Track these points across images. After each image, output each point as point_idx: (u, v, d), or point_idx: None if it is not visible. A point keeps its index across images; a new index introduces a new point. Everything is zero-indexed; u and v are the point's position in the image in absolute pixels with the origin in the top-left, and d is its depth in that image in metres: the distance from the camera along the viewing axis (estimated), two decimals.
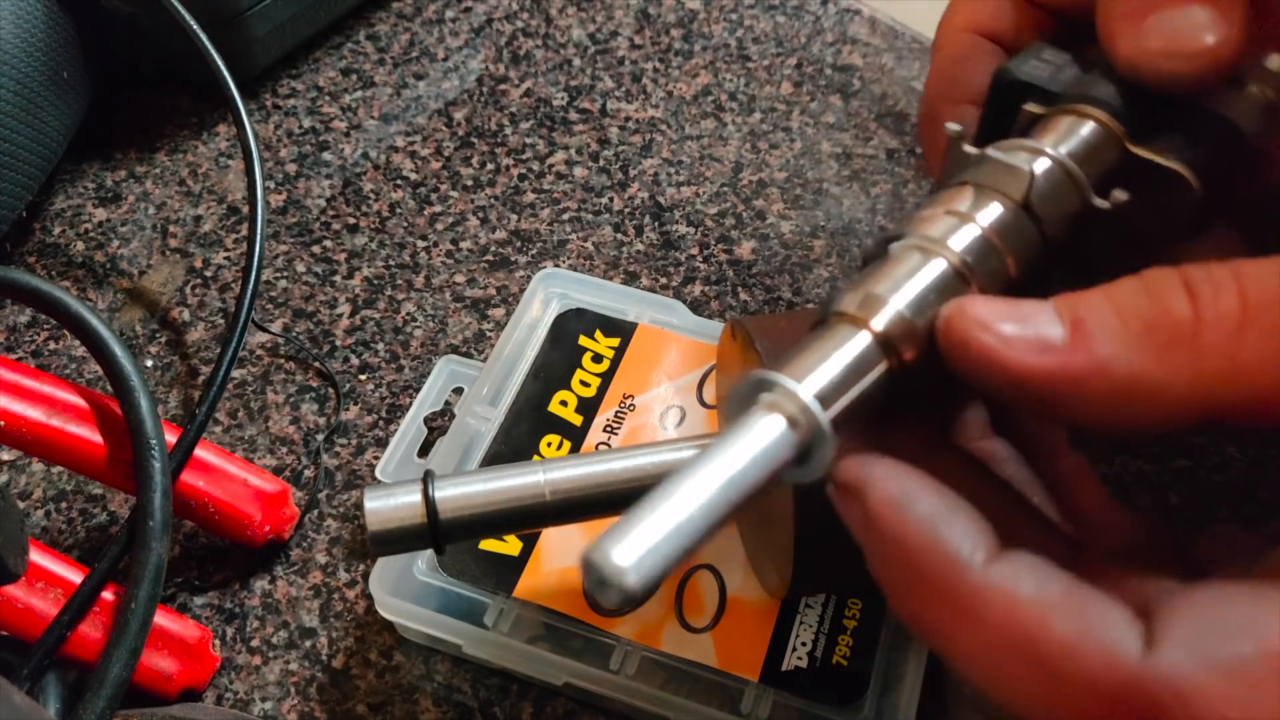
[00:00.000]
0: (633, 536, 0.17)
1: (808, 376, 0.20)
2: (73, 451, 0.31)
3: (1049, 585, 0.19)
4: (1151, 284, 0.20)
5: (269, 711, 0.32)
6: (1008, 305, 0.20)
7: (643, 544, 0.17)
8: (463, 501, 0.27)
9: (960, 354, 0.20)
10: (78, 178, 0.46)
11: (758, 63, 0.50)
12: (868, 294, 0.22)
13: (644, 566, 0.17)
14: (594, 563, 0.17)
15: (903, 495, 0.20)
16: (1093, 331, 0.19)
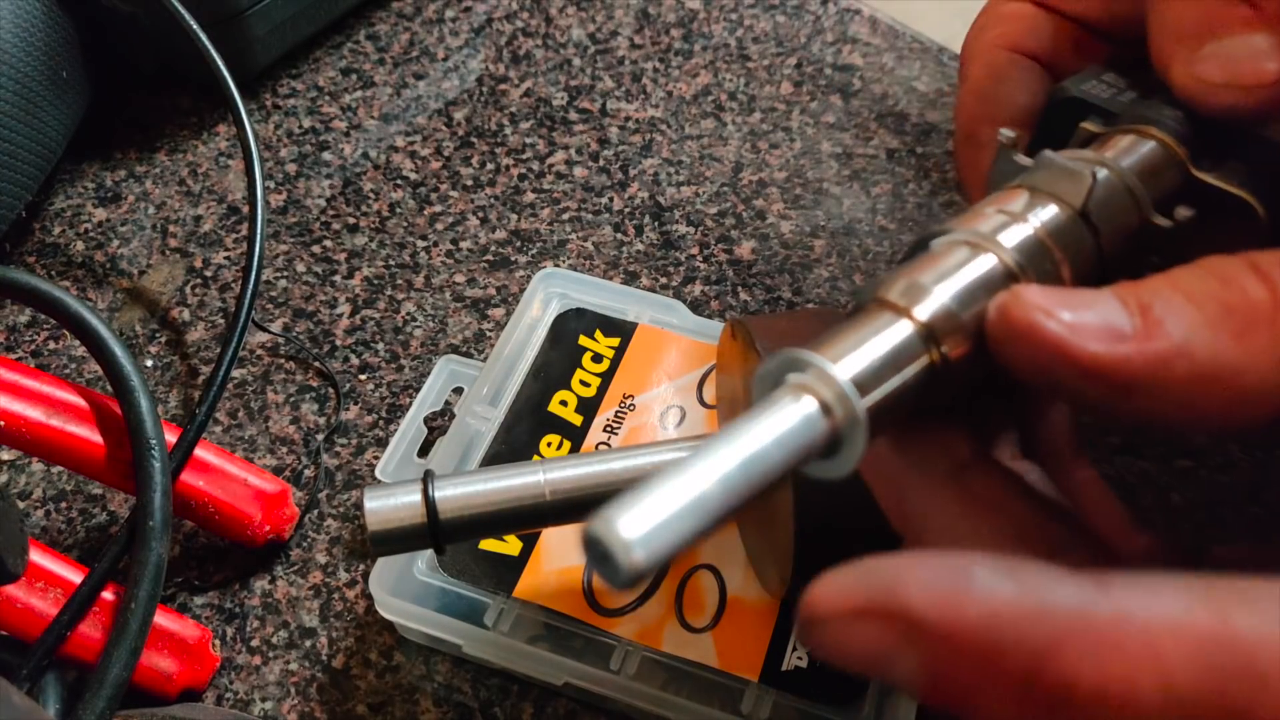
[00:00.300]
0: (642, 509, 0.16)
1: (844, 359, 0.18)
2: (73, 451, 0.31)
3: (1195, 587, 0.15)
4: (1217, 269, 0.19)
5: (269, 711, 0.32)
6: (1065, 293, 0.19)
7: (652, 518, 0.16)
8: (463, 501, 0.27)
9: (1019, 345, 0.18)
10: (77, 178, 0.46)
11: (758, 62, 0.50)
12: (911, 282, 0.20)
13: (652, 542, 0.16)
14: (598, 535, 0.16)
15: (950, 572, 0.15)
16: (1163, 317, 0.18)
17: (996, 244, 0.21)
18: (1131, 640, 0.15)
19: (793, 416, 0.17)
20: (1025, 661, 0.15)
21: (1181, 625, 0.15)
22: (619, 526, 0.15)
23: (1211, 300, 0.18)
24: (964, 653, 0.15)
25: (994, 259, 0.21)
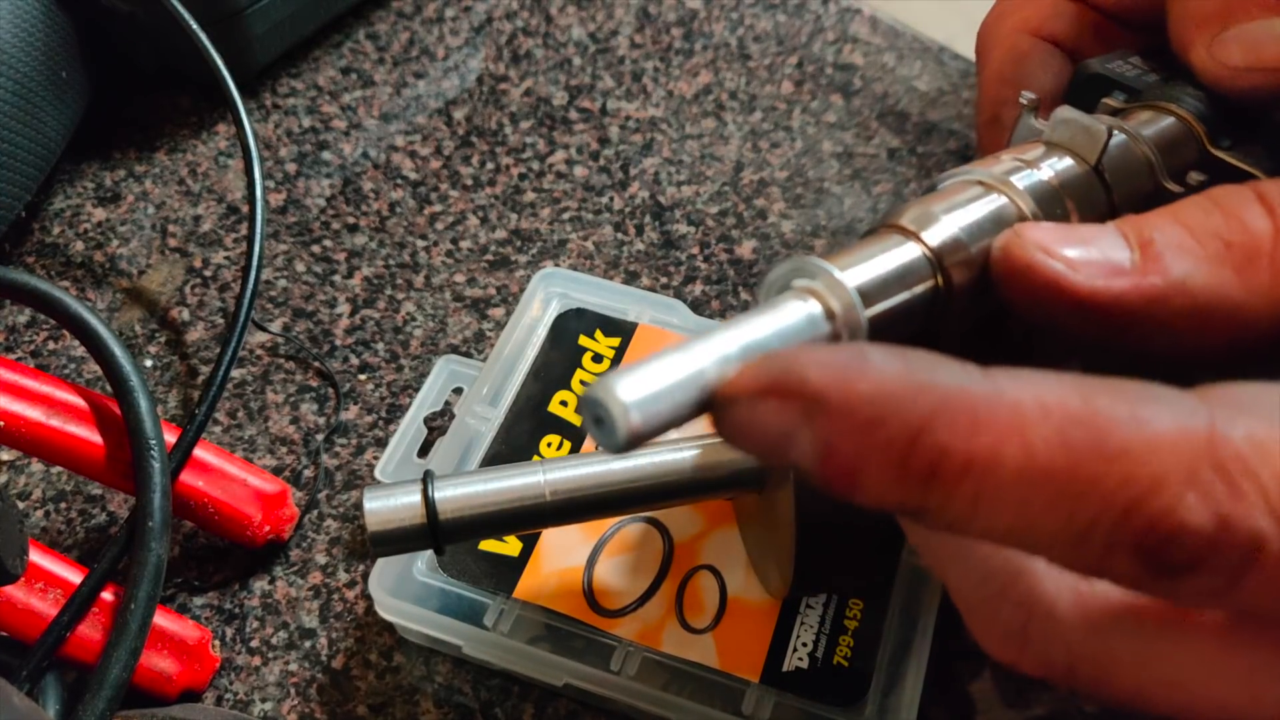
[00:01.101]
0: (642, 375, 0.16)
1: (851, 269, 0.19)
2: (72, 451, 0.31)
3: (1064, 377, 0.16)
4: (1221, 200, 0.19)
5: (269, 712, 0.32)
6: (1067, 229, 0.19)
7: (651, 385, 0.16)
8: (463, 502, 0.27)
9: (1020, 281, 0.19)
10: (77, 178, 0.46)
11: (758, 61, 0.50)
12: (924, 211, 0.21)
13: (648, 407, 0.16)
14: (597, 398, 0.16)
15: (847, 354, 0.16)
16: (1163, 251, 0.18)
17: (1009, 185, 0.21)
18: (1000, 415, 0.15)
19: (796, 314, 0.18)
20: (904, 431, 0.15)
21: (1049, 405, 0.15)
22: (618, 389, 0.16)
23: (1212, 234, 0.18)
24: (852, 423, 0.15)
25: (1005, 200, 0.21)
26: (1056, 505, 0.15)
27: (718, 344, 0.17)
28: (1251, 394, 0.16)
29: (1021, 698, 0.31)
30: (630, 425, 0.15)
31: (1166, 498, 0.15)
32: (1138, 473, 0.15)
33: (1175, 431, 0.15)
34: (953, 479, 0.15)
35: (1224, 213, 0.18)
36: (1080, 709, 0.31)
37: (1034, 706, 0.31)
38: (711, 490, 0.29)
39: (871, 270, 0.19)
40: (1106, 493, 0.15)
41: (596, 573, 0.32)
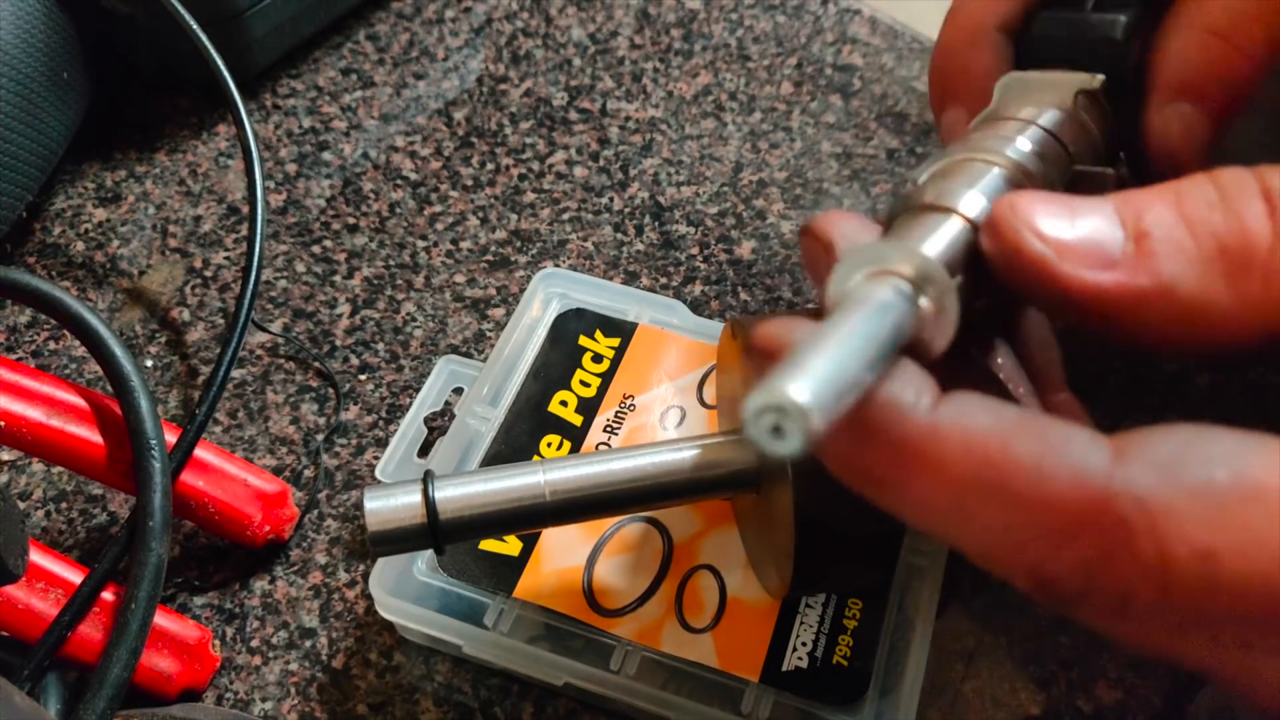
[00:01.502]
0: (806, 373, 0.16)
1: (924, 245, 0.19)
2: (73, 451, 0.31)
3: (1003, 414, 0.17)
4: (1226, 190, 0.18)
5: (269, 711, 0.32)
6: (1062, 204, 0.19)
7: (815, 378, 0.16)
8: (463, 501, 0.27)
9: (1009, 260, 0.19)
10: (78, 178, 0.46)
11: (758, 62, 0.50)
12: (944, 188, 0.21)
13: (824, 405, 0.16)
14: (768, 405, 0.15)
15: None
16: (1158, 247, 0.18)
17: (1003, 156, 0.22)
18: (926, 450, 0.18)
19: (889, 294, 0.18)
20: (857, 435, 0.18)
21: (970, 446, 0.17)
22: (791, 391, 0.15)
23: (1210, 235, 0.18)
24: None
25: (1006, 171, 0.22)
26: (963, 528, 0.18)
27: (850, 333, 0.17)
28: (1171, 450, 0.17)
29: (1018, 697, 0.31)
30: (813, 428, 0.16)
31: (1044, 550, 0.17)
32: (1027, 523, 0.17)
33: (1069, 489, 0.17)
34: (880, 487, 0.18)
35: (1225, 208, 0.18)
36: (1077, 707, 0.31)
37: (1030, 706, 0.31)
38: (711, 490, 0.29)
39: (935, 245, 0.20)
40: (1000, 532, 0.17)
41: (596, 572, 0.32)
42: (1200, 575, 0.16)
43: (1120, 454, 0.17)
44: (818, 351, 0.16)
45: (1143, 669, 0.32)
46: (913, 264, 0.19)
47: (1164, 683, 0.31)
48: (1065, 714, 0.31)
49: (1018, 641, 0.32)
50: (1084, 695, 0.31)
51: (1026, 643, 0.32)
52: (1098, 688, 0.31)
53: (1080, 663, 0.32)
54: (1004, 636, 0.32)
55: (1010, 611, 0.33)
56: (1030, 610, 0.33)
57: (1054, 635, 0.32)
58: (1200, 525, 0.16)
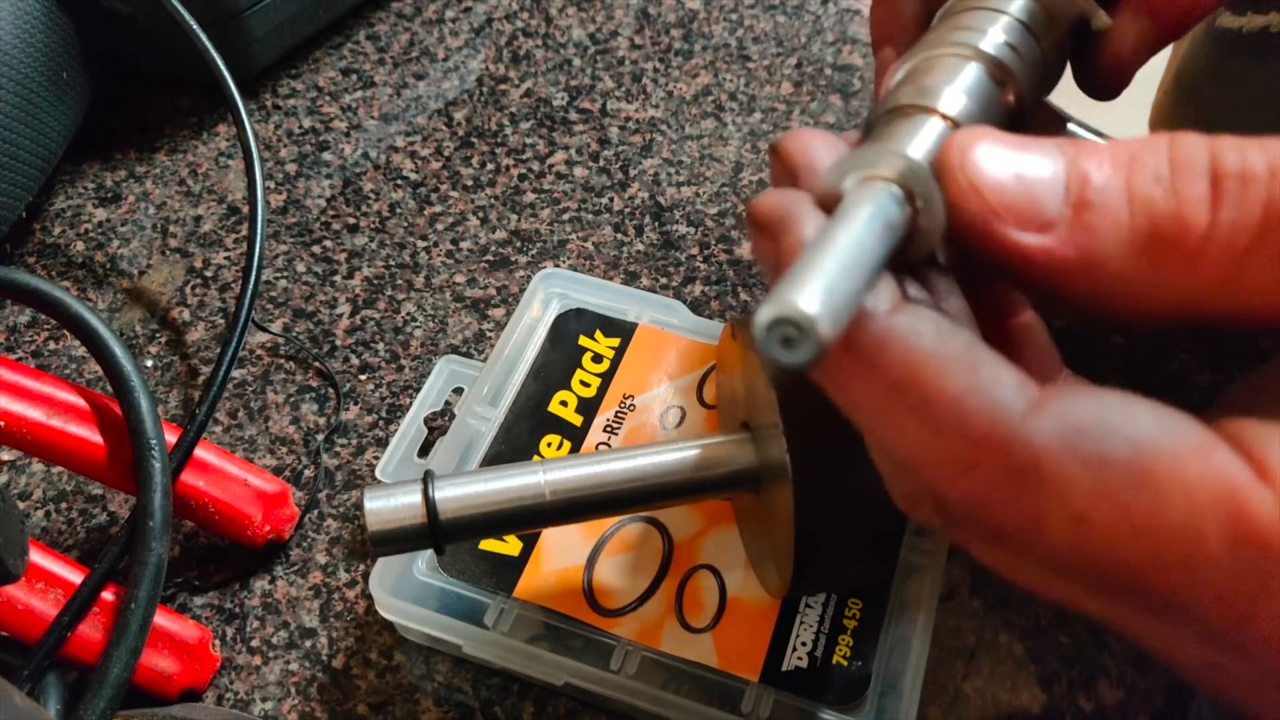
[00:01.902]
0: (813, 284, 0.16)
1: (909, 146, 0.20)
2: (73, 451, 0.31)
3: (949, 340, 0.18)
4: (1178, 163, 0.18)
5: (269, 711, 0.32)
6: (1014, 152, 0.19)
7: (823, 291, 0.16)
8: (463, 501, 0.27)
9: (953, 204, 0.19)
10: (78, 178, 0.46)
11: (758, 62, 0.50)
12: (919, 87, 0.21)
13: (833, 313, 0.16)
14: (778, 318, 0.16)
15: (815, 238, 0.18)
16: (1095, 220, 0.18)
17: (975, 49, 0.22)
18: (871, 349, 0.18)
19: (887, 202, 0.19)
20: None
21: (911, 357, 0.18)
22: (800, 303, 0.16)
23: (1147, 214, 0.18)
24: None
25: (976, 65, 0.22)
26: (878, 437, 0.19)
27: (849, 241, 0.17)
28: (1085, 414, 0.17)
29: (1019, 696, 0.31)
30: (820, 335, 0.16)
31: (944, 473, 0.18)
32: (937, 445, 0.18)
33: (980, 425, 0.17)
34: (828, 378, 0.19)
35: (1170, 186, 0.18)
36: (1078, 706, 0.31)
37: (1031, 705, 0.31)
38: (711, 490, 0.29)
39: (920, 145, 0.20)
40: (913, 447, 0.18)
41: (596, 572, 0.32)
42: (1069, 539, 0.17)
43: (1038, 406, 0.17)
44: (822, 262, 0.17)
45: (1144, 667, 0.32)
46: (897, 167, 0.19)
47: (1165, 681, 0.31)
48: (1066, 712, 0.31)
49: (1018, 640, 0.32)
50: (1085, 693, 0.31)
51: (1027, 641, 0.32)
52: (1099, 686, 0.31)
53: (1081, 661, 0.32)
54: (1004, 635, 0.32)
55: (1011, 610, 0.33)
56: (1031, 609, 0.33)
57: (1055, 633, 0.32)
58: (1081, 494, 0.17)
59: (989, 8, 0.24)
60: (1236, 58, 0.44)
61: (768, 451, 0.27)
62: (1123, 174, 0.18)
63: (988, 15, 0.24)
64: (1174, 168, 0.18)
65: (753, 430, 0.29)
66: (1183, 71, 0.48)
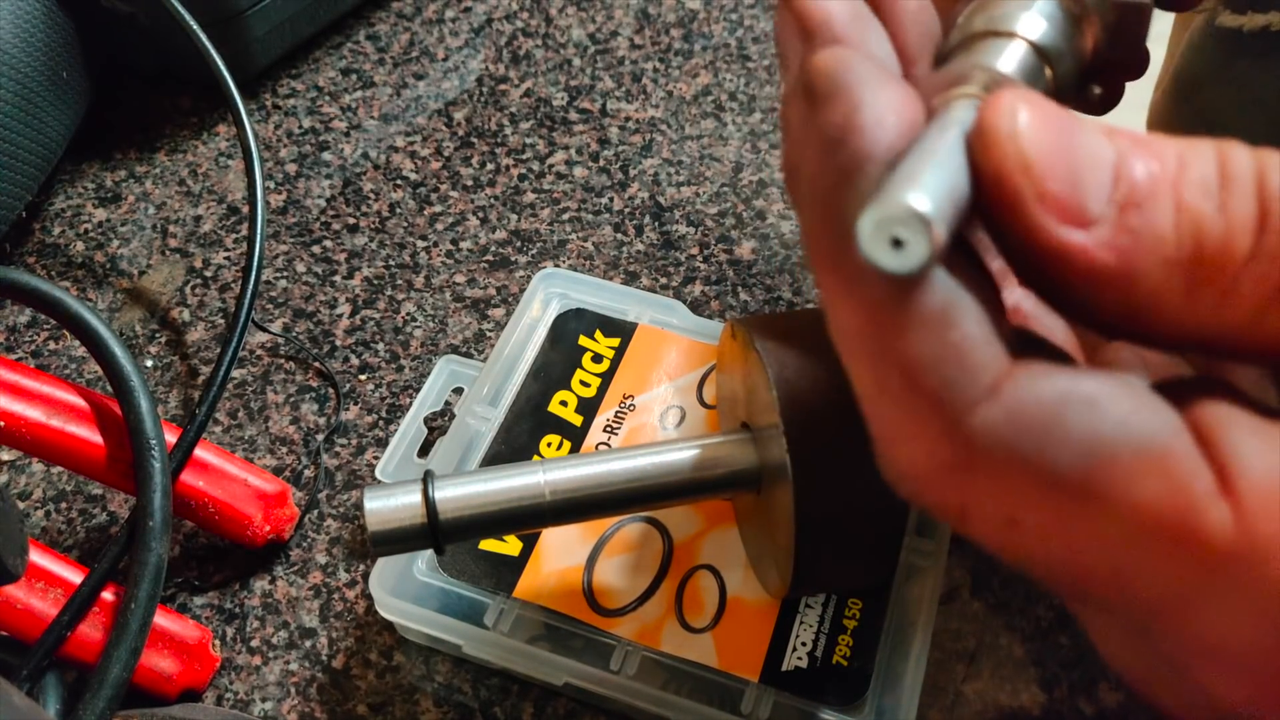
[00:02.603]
0: (922, 181, 0.15)
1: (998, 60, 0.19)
2: (73, 451, 0.31)
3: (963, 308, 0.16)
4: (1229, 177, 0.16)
5: (269, 711, 0.32)
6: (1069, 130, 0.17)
7: (932, 187, 0.15)
8: (463, 501, 0.27)
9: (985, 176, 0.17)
10: (78, 178, 0.46)
11: (758, 62, 0.50)
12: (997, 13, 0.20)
13: (943, 210, 0.15)
14: (889, 216, 0.15)
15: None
16: (1139, 227, 0.16)
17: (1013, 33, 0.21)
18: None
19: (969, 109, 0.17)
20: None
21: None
22: (913, 201, 0.15)
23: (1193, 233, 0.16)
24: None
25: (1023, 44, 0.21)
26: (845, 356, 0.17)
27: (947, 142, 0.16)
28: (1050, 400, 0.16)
29: (1019, 698, 0.31)
30: (936, 238, 0.15)
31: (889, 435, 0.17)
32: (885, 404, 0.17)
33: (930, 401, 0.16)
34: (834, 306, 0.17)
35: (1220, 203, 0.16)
36: (1078, 709, 0.31)
37: (1032, 707, 0.31)
38: (711, 490, 0.29)
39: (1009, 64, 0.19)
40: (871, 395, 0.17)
41: (596, 572, 0.32)
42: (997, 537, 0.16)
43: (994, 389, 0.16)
44: (927, 162, 0.16)
45: None
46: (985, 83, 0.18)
47: None
48: (1067, 715, 0.31)
49: (1019, 642, 0.32)
50: (1085, 697, 0.31)
51: (1028, 643, 0.32)
52: (1099, 689, 0.31)
53: (1082, 664, 0.32)
54: (1005, 637, 0.32)
55: (1011, 612, 0.33)
56: (1032, 611, 0.33)
57: (1056, 636, 0.32)
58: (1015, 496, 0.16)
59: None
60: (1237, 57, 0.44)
61: (768, 451, 0.27)
62: (1171, 179, 0.16)
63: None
64: (1224, 181, 0.16)
65: (753, 430, 0.29)
66: (1181, 71, 0.48)
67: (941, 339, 0.16)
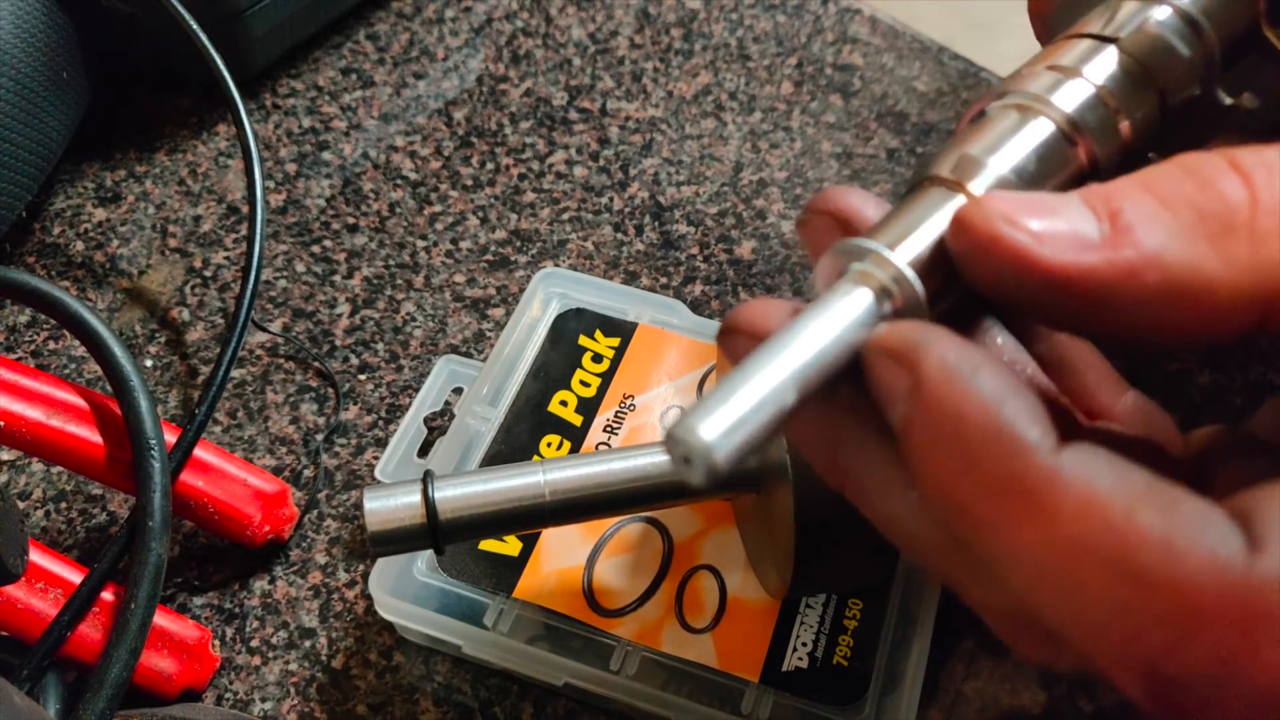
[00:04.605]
0: (718, 412, 0.16)
1: (901, 244, 0.18)
2: (73, 451, 0.31)
3: (1131, 477, 0.16)
4: (1194, 168, 0.17)
5: (269, 711, 0.32)
6: (1030, 199, 0.18)
7: (728, 419, 0.16)
8: (463, 502, 0.27)
9: (983, 255, 0.18)
10: (78, 178, 0.46)
11: (758, 62, 0.50)
12: (963, 156, 0.19)
13: (730, 442, 0.16)
14: (679, 438, 0.16)
15: (964, 363, 0.17)
16: (1134, 222, 0.17)
17: (1048, 104, 0.20)
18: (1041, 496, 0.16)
19: (853, 308, 0.18)
20: (962, 459, 0.17)
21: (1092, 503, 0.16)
22: (700, 430, 0.16)
23: (1186, 204, 0.17)
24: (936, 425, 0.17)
25: (1047, 122, 0.20)
26: (1065, 595, 0.16)
27: (785, 362, 0.17)
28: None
29: (1019, 698, 0.31)
30: (714, 464, 0.16)
31: (1169, 638, 0.15)
32: (1150, 605, 0.15)
33: (1203, 573, 0.15)
34: (976, 526, 0.17)
35: (1197, 181, 0.17)
36: (1077, 708, 0.31)
37: (1031, 706, 0.31)
38: (711, 490, 0.29)
39: (923, 240, 0.19)
40: (1114, 612, 0.16)
41: (596, 572, 0.32)
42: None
43: (1257, 540, 0.16)
44: (743, 386, 0.17)
45: None
46: (887, 272, 0.18)
47: None
48: (1066, 714, 0.31)
49: None
50: (1085, 695, 0.31)
51: None
52: (1099, 688, 0.31)
53: None
54: None
55: None
56: None
57: None
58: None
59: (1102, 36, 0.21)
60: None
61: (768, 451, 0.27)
62: (1138, 185, 0.17)
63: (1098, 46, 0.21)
64: (1188, 170, 0.17)
65: None
66: None
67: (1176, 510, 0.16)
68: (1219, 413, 0.37)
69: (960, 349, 0.17)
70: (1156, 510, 0.16)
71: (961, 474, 0.17)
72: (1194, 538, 0.15)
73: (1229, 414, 0.37)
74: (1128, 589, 0.15)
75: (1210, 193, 0.17)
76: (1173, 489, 0.16)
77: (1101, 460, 0.16)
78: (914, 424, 0.17)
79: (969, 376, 0.17)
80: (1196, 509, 0.16)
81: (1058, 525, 0.16)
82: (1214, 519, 0.16)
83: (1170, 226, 0.17)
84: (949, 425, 0.17)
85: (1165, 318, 0.17)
